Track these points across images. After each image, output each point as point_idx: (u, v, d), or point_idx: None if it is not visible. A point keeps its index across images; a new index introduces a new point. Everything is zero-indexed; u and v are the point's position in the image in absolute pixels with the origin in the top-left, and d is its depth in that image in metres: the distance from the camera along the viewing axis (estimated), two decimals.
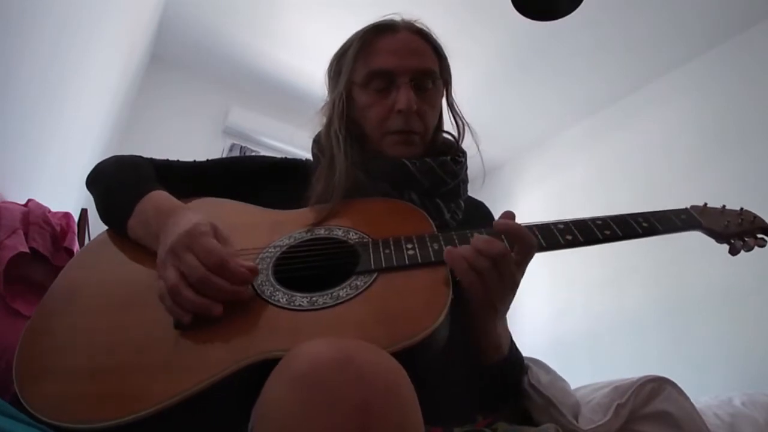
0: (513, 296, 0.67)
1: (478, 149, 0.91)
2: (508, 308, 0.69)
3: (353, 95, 0.85)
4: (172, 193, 0.77)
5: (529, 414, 0.85)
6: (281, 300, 0.61)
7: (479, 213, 0.94)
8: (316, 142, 0.90)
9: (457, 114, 0.92)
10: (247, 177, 0.89)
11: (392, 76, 0.81)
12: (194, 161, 0.91)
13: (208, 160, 0.93)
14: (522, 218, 0.70)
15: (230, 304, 0.61)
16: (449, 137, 0.93)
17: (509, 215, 0.69)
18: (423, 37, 0.86)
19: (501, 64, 2.87)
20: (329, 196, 0.77)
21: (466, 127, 0.91)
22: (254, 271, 0.62)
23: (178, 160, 0.91)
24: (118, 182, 0.80)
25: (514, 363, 0.76)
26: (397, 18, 0.87)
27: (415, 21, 0.88)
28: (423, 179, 0.80)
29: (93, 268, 0.72)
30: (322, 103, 0.91)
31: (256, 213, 0.78)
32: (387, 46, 0.83)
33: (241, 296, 0.60)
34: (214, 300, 0.58)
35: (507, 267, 0.63)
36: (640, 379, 0.95)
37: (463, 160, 0.88)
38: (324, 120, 0.87)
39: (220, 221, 0.67)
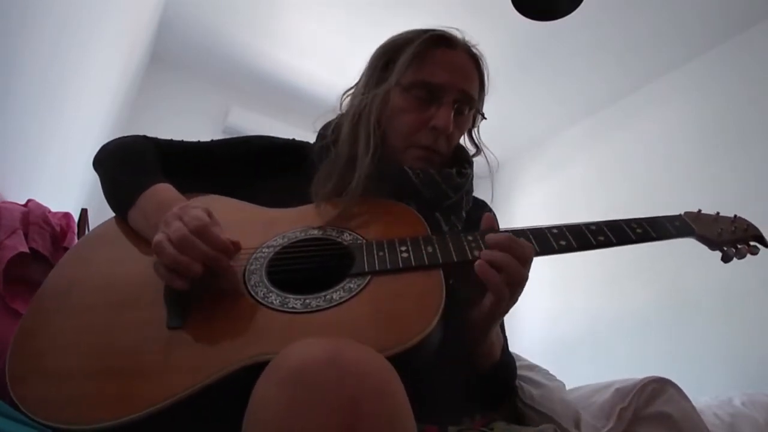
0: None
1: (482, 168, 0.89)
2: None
3: (389, 94, 0.82)
4: (174, 174, 0.79)
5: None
6: (274, 302, 0.61)
7: (481, 214, 0.92)
8: (332, 131, 0.86)
9: (479, 146, 0.91)
10: (249, 161, 0.89)
11: (438, 91, 0.80)
12: (198, 141, 0.91)
13: (212, 140, 0.93)
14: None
15: (225, 305, 0.61)
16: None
17: (491, 220, 0.70)
18: (475, 64, 0.84)
19: (501, 64, 2.87)
20: (339, 195, 0.75)
21: (484, 153, 0.90)
22: (236, 245, 0.63)
23: (182, 141, 0.91)
24: (122, 172, 0.80)
25: (506, 365, 0.76)
26: (459, 35, 0.85)
27: (474, 45, 0.86)
28: (425, 191, 0.79)
29: (86, 266, 0.71)
30: (349, 90, 0.89)
31: (251, 211, 0.78)
32: (442, 60, 0.81)
33: (220, 264, 0.61)
34: (194, 261, 0.59)
35: (522, 265, 0.63)
36: (641, 380, 0.95)
37: (468, 171, 0.86)
38: (350, 110, 0.83)
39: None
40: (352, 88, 0.89)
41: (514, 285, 0.62)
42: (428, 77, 0.80)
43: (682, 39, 2.63)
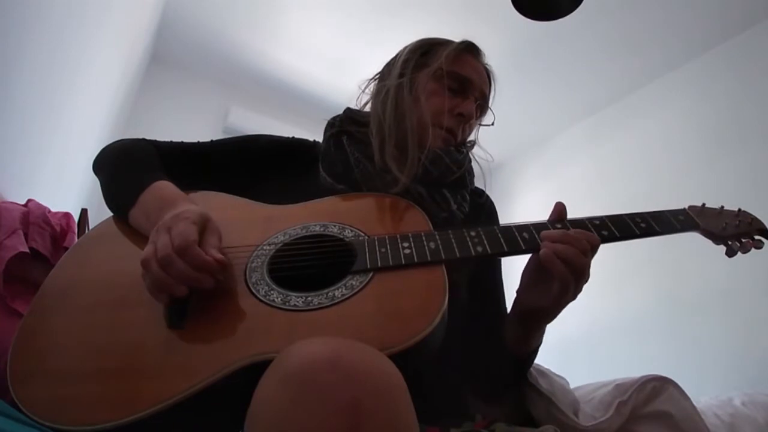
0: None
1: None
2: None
3: (418, 80, 0.88)
4: (175, 176, 0.78)
5: (528, 414, 0.85)
6: (276, 300, 0.60)
7: (480, 201, 0.95)
8: (343, 120, 0.90)
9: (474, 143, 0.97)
10: (251, 161, 0.89)
11: (467, 86, 0.89)
12: (198, 142, 0.92)
13: (212, 141, 0.93)
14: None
15: (226, 303, 0.61)
16: None
17: (562, 207, 0.73)
18: (489, 82, 0.94)
19: (501, 64, 2.85)
20: (390, 178, 0.78)
21: (474, 159, 0.95)
22: (221, 263, 0.60)
23: (182, 142, 0.91)
24: (123, 171, 0.80)
25: (538, 349, 0.79)
26: (483, 54, 0.96)
27: (490, 66, 0.96)
28: (432, 169, 0.82)
29: (86, 266, 0.71)
30: (374, 77, 0.94)
31: (251, 208, 0.78)
32: (471, 64, 0.91)
33: (201, 284, 0.59)
34: (177, 281, 0.58)
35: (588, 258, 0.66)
36: (642, 377, 0.95)
37: (465, 150, 0.91)
38: (390, 88, 0.87)
39: (215, 216, 0.67)
40: (377, 75, 0.95)
41: (577, 274, 0.64)
42: (464, 72, 0.89)
43: (682, 39, 2.63)
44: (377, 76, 0.95)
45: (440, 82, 0.87)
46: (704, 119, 2.59)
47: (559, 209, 0.73)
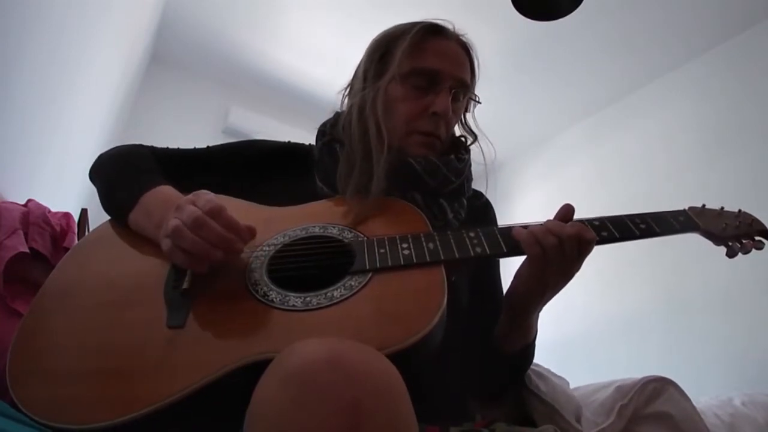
0: (563, 286, 0.71)
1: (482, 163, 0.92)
2: (550, 299, 0.73)
3: (380, 89, 0.83)
4: (173, 179, 0.79)
5: (528, 415, 0.85)
6: (275, 300, 0.61)
7: (479, 204, 0.94)
8: (330, 127, 0.88)
9: (471, 131, 0.94)
10: (249, 166, 0.89)
11: (435, 79, 0.82)
12: (194, 148, 0.91)
13: (208, 147, 0.92)
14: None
15: (224, 303, 0.61)
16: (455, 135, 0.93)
17: (569, 208, 0.73)
18: (466, 52, 0.88)
19: (501, 64, 2.87)
20: (365, 189, 0.76)
21: (477, 142, 0.93)
22: (251, 231, 0.64)
23: (178, 148, 0.91)
24: (122, 175, 0.80)
25: (533, 346, 0.79)
26: (449, 26, 0.88)
27: (464, 35, 0.89)
28: (429, 179, 0.80)
29: (86, 266, 0.71)
30: (345, 88, 0.91)
31: (250, 209, 0.78)
32: (436, 48, 0.84)
33: (235, 247, 0.62)
34: (212, 245, 0.60)
35: (571, 249, 0.66)
36: (642, 379, 0.95)
37: (466, 157, 0.88)
38: (354, 106, 0.84)
39: None
40: (347, 86, 0.91)
41: (548, 252, 0.65)
42: (425, 64, 0.82)
43: (682, 39, 2.63)
44: (348, 88, 0.91)
45: (406, 84, 0.82)
46: (704, 119, 2.59)
47: (566, 210, 0.72)
